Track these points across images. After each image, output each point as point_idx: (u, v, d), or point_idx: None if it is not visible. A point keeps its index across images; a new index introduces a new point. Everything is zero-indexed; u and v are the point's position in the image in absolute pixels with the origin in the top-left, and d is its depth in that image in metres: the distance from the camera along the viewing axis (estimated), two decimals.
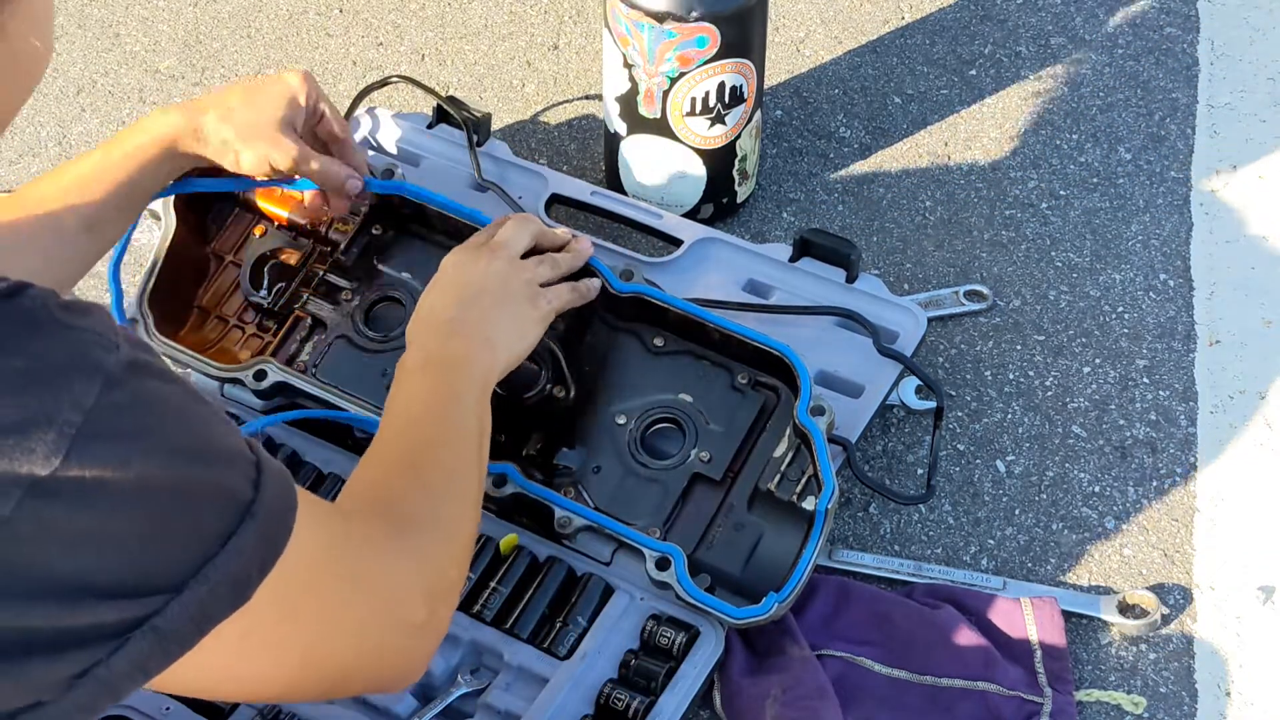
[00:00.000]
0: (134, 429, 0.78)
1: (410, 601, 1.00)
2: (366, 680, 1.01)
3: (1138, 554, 1.42)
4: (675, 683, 1.27)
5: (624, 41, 1.55)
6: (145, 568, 0.79)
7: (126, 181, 1.33)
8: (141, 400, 0.79)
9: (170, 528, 0.80)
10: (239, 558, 0.82)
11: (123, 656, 0.79)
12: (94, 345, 0.78)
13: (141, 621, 0.79)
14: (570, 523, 1.34)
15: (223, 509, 0.82)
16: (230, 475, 0.83)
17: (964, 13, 1.90)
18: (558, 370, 1.44)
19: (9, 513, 0.74)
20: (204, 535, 0.81)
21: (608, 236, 1.61)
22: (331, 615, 0.93)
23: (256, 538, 0.83)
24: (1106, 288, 1.62)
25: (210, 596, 0.81)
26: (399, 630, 1.00)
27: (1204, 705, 1.32)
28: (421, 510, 1.06)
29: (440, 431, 1.15)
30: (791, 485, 1.35)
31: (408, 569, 1.00)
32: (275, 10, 1.95)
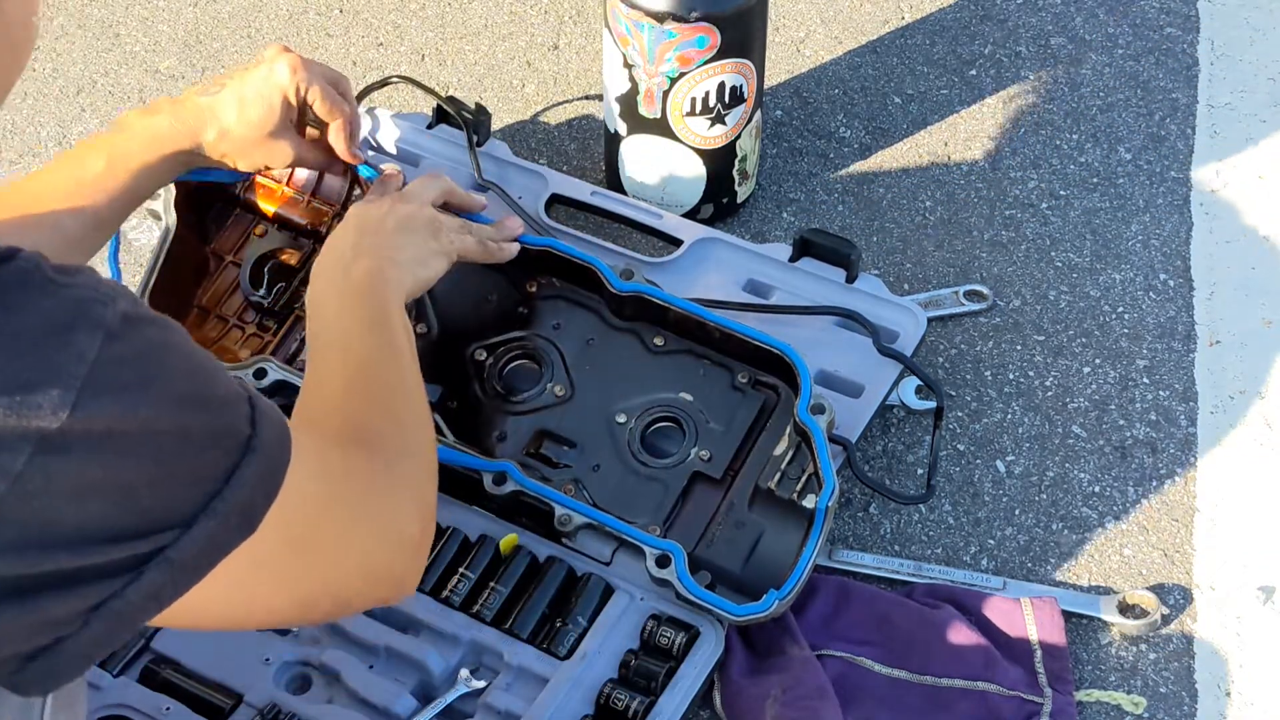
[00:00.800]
0: (136, 379, 0.80)
1: (405, 521, 1.04)
2: (369, 599, 1.06)
3: (1138, 554, 1.42)
4: (675, 683, 1.27)
5: (624, 41, 1.55)
6: (154, 510, 0.81)
7: (132, 187, 1.34)
8: (141, 351, 0.81)
9: (177, 470, 0.82)
10: (244, 490, 0.85)
11: (137, 588, 0.82)
12: (91, 301, 0.80)
13: (154, 554, 0.82)
14: (570, 521, 1.34)
15: (225, 447, 0.85)
16: (229, 415, 0.86)
17: (964, 13, 1.90)
18: (557, 369, 1.45)
19: (20, 468, 0.76)
20: (209, 474, 0.84)
21: (608, 236, 1.61)
22: (335, 541, 0.97)
23: (258, 470, 0.86)
24: (1106, 288, 1.62)
25: (219, 528, 0.84)
26: (397, 549, 1.04)
27: (1204, 705, 1.32)
28: (393, 436, 1.09)
29: (378, 352, 1.18)
30: (792, 483, 1.35)
31: (397, 492, 1.04)
32: (275, 10, 1.95)
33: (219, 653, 1.30)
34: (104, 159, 1.33)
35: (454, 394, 1.45)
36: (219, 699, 1.28)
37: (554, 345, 1.46)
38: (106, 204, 1.32)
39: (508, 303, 1.49)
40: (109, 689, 1.28)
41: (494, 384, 1.45)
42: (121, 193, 1.33)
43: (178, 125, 1.36)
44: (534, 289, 1.49)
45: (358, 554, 1.00)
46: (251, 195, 1.57)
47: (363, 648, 1.30)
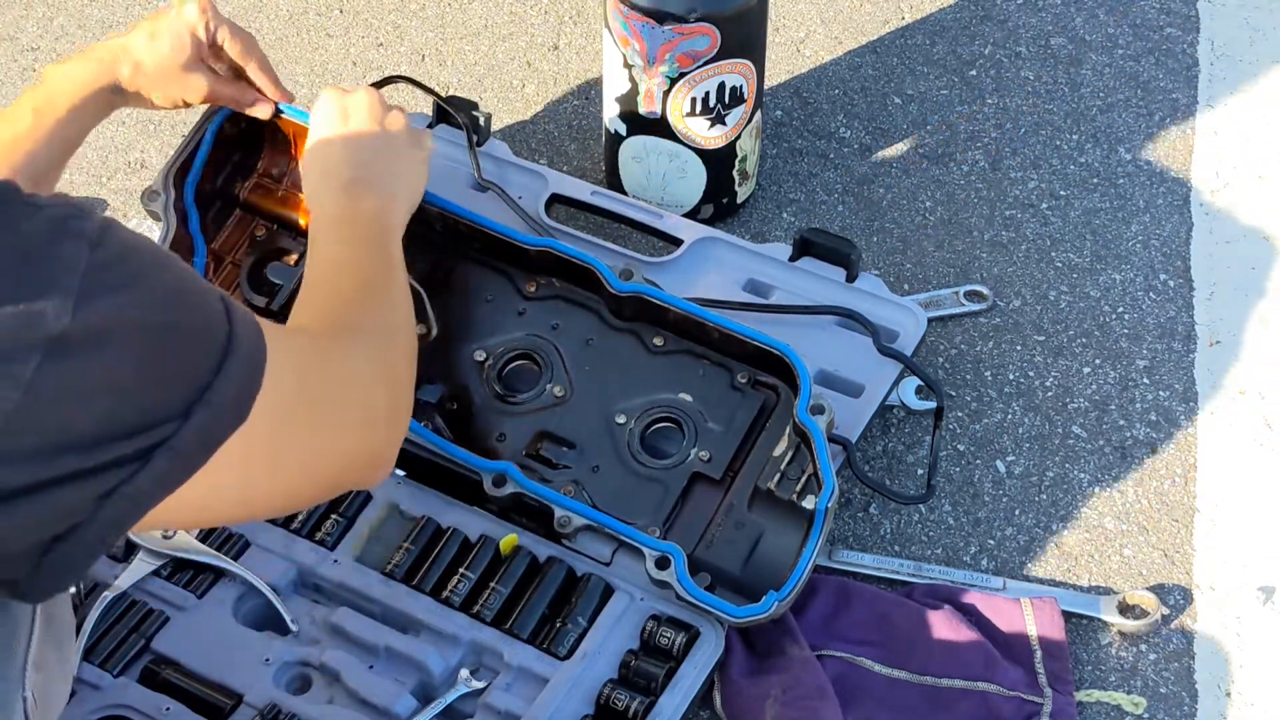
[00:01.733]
0: (124, 281, 0.86)
1: (375, 396, 1.10)
2: (353, 477, 1.11)
3: (1138, 554, 1.42)
4: (675, 683, 1.27)
5: (624, 42, 1.55)
6: (154, 405, 0.87)
7: (61, 134, 1.38)
8: (122, 255, 0.86)
9: (170, 365, 0.88)
10: (232, 381, 0.90)
11: (146, 474, 0.87)
12: (68, 217, 0.85)
13: (159, 444, 0.87)
14: (570, 522, 1.34)
15: (209, 342, 0.90)
16: (208, 311, 0.91)
17: (964, 13, 1.90)
18: (557, 370, 1.45)
19: (30, 375, 0.81)
20: (198, 367, 0.89)
21: (608, 236, 1.61)
22: (316, 421, 1.02)
23: (242, 363, 0.91)
24: (1106, 288, 1.62)
25: (214, 418, 0.89)
26: (372, 424, 1.09)
27: (1204, 705, 1.32)
28: (367, 321, 1.16)
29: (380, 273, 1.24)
30: (791, 484, 1.35)
31: (367, 368, 1.10)
32: (275, 10, 1.95)
33: (219, 653, 1.30)
34: (29, 113, 1.37)
35: (454, 394, 1.45)
36: (219, 699, 1.28)
37: (554, 346, 1.46)
38: (44, 155, 1.36)
39: (507, 303, 1.49)
40: (109, 689, 1.28)
41: (493, 384, 1.45)
42: (53, 140, 1.37)
43: (93, 65, 1.39)
44: (534, 289, 1.49)
45: (333, 428, 1.04)
46: (252, 196, 1.57)
47: (363, 648, 1.30)
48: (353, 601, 1.34)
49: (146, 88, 1.41)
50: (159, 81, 1.41)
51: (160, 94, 1.42)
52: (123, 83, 1.40)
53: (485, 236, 1.49)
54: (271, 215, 1.56)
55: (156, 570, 1.35)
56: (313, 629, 1.32)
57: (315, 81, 1.86)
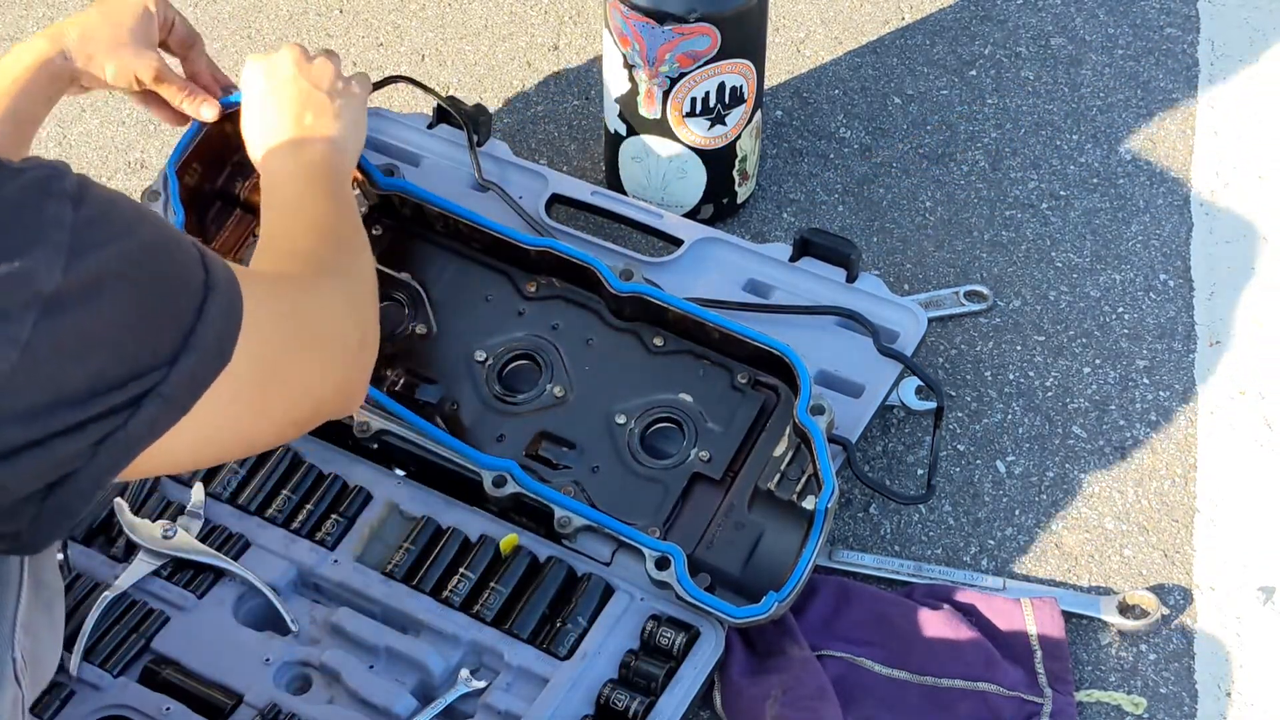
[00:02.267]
0: (109, 236, 0.88)
1: (347, 329, 1.14)
2: (331, 407, 1.14)
3: (1138, 554, 1.42)
4: (675, 683, 1.27)
5: (624, 42, 1.55)
6: (142, 355, 0.90)
7: (14, 109, 1.39)
8: (103, 210, 0.89)
9: (155, 314, 0.91)
10: (213, 324, 0.94)
11: (136, 421, 0.90)
12: (48, 177, 0.88)
13: (148, 392, 0.90)
14: (570, 523, 1.34)
15: (190, 287, 0.93)
16: (185, 259, 0.94)
17: (964, 13, 1.90)
18: (557, 370, 1.45)
19: (27, 335, 0.84)
20: (181, 313, 0.92)
21: (608, 236, 1.61)
22: (294, 358, 1.06)
23: (221, 305, 0.94)
24: (1106, 288, 1.62)
25: (199, 361, 0.93)
26: (345, 356, 1.13)
27: (1204, 706, 1.32)
28: (334, 260, 1.19)
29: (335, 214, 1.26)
30: (791, 485, 1.35)
31: (338, 303, 1.14)
32: (275, 10, 1.95)
33: (219, 653, 1.30)
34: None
35: (453, 394, 1.45)
36: (219, 699, 1.28)
37: (554, 346, 1.46)
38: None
39: (507, 303, 1.49)
40: (109, 689, 1.28)
41: (493, 384, 1.45)
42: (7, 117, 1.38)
43: (41, 39, 1.40)
44: (533, 289, 1.49)
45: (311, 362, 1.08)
46: (252, 195, 1.57)
47: (363, 648, 1.30)
48: (353, 601, 1.34)
49: (97, 56, 1.41)
50: (109, 49, 1.41)
51: (113, 65, 1.41)
52: (70, 50, 1.40)
53: (485, 236, 1.49)
54: None
55: (156, 570, 1.35)
56: (313, 629, 1.32)
57: None
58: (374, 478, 1.41)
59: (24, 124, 1.41)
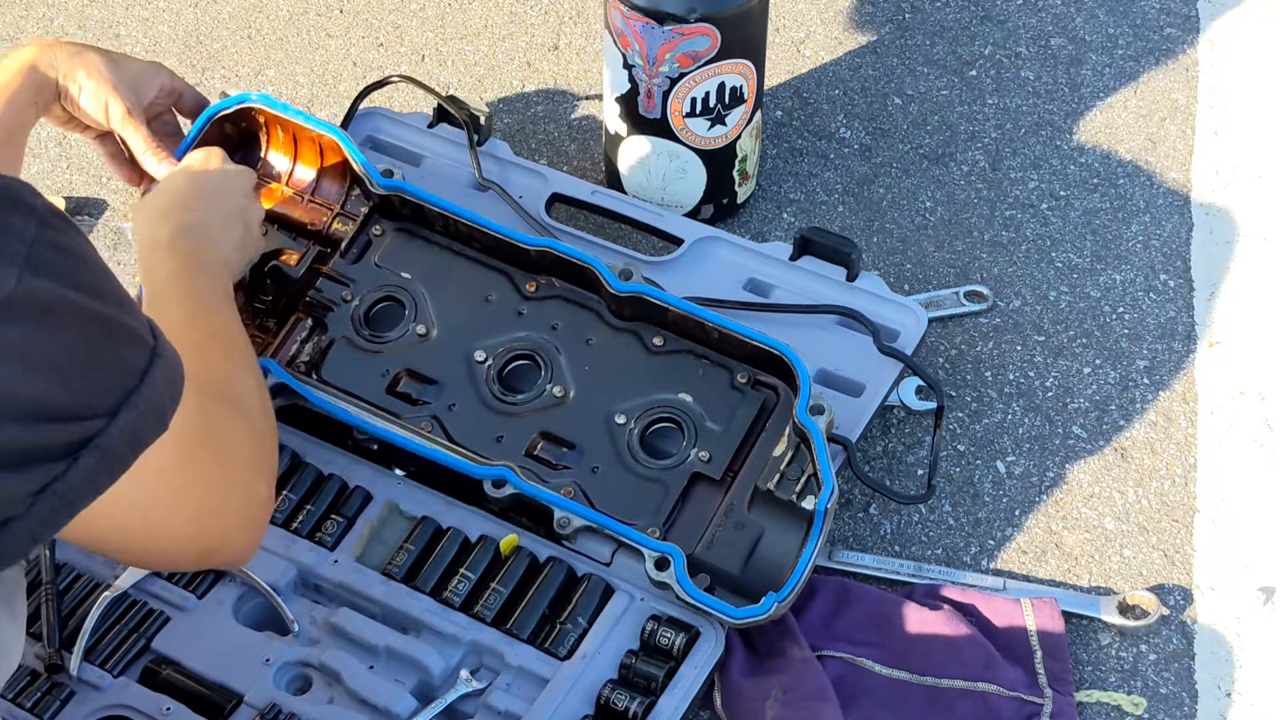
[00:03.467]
0: (66, 265, 0.88)
1: (256, 477, 1.13)
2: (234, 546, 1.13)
3: (1138, 554, 1.42)
4: (675, 683, 1.27)
5: (624, 42, 1.55)
6: (86, 393, 0.89)
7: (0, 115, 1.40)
8: (68, 243, 0.89)
9: (103, 358, 0.90)
10: (155, 388, 0.93)
11: (75, 472, 0.89)
12: (22, 191, 0.87)
13: (88, 441, 0.89)
14: (570, 523, 1.34)
15: (137, 348, 0.93)
16: (137, 321, 0.94)
17: (964, 14, 1.90)
18: (557, 370, 1.45)
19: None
20: (127, 368, 0.92)
21: (608, 236, 1.62)
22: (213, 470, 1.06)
23: (164, 373, 0.94)
24: (1107, 288, 1.62)
25: (140, 421, 0.92)
26: (250, 501, 1.13)
27: (1204, 706, 1.32)
28: (246, 394, 1.19)
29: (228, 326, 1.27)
30: (791, 485, 1.35)
31: (254, 444, 1.14)
32: (275, 11, 1.95)
33: (219, 653, 1.30)
34: None
35: (453, 395, 1.45)
36: (219, 699, 1.28)
37: (553, 346, 1.46)
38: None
39: (507, 303, 1.49)
40: (109, 689, 1.28)
41: (493, 385, 1.45)
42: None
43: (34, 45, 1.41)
44: (534, 289, 1.49)
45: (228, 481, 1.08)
46: None
47: (363, 648, 1.30)
48: (353, 602, 1.34)
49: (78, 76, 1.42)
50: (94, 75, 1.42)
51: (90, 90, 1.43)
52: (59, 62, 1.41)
53: (485, 236, 1.49)
54: (272, 215, 1.56)
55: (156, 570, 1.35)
56: (313, 629, 1.32)
57: (315, 81, 1.86)
58: (374, 478, 1.41)
59: (13, 130, 1.41)
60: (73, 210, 1.72)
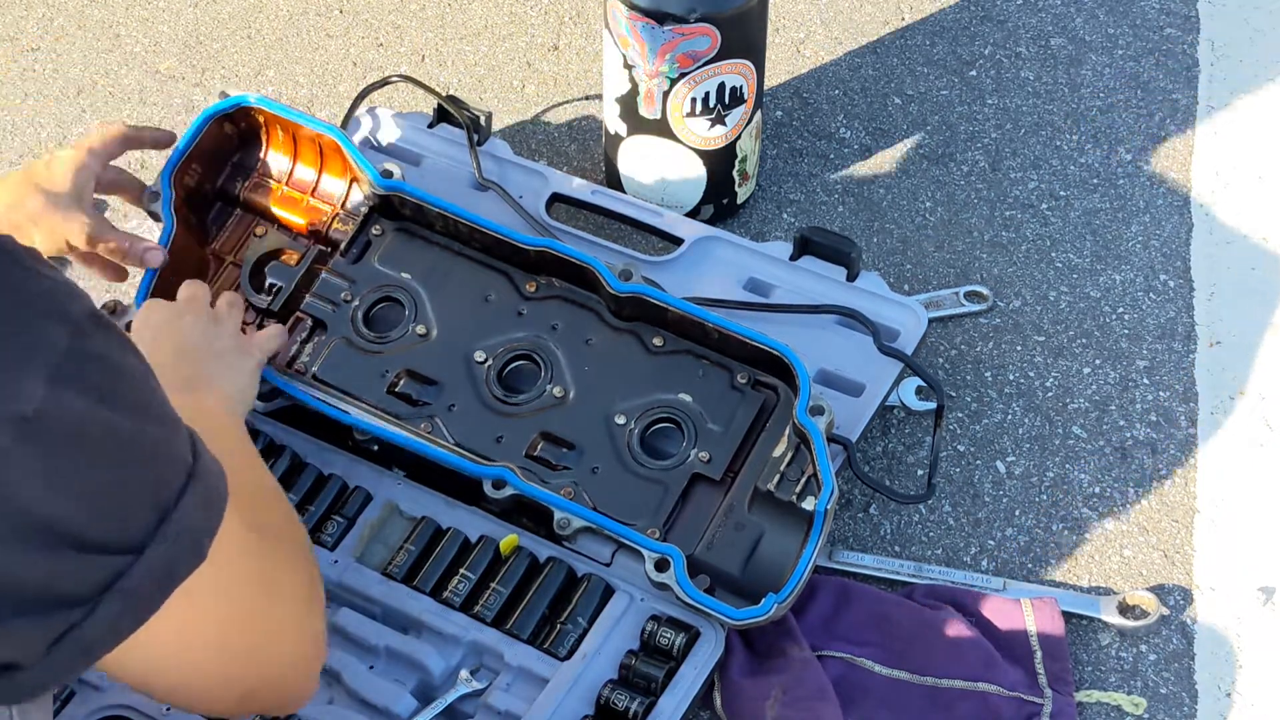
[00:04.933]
0: (100, 378, 0.82)
1: (312, 613, 1.05)
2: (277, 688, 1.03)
3: (1138, 555, 1.42)
4: (675, 683, 1.27)
5: (624, 42, 1.55)
6: (113, 520, 0.82)
7: None
8: (104, 352, 0.82)
9: (132, 481, 0.83)
10: (191, 516, 0.86)
11: (95, 620, 0.82)
12: (63, 294, 0.82)
13: (110, 583, 0.82)
14: (569, 524, 1.34)
15: (174, 467, 0.86)
16: (176, 437, 0.87)
17: (964, 13, 1.90)
18: (556, 370, 1.45)
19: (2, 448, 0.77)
20: (160, 491, 0.84)
21: (609, 236, 1.62)
22: (255, 608, 0.97)
23: (202, 498, 0.87)
24: (1107, 288, 1.62)
25: (170, 554, 0.84)
26: (303, 638, 1.03)
27: (1204, 706, 1.32)
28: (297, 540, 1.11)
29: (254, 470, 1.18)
30: (791, 485, 1.35)
31: (306, 577, 1.05)
32: (275, 11, 1.95)
33: None
34: None
35: (453, 395, 1.45)
36: None
37: (553, 346, 1.46)
38: None
39: (507, 303, 1.49)
40: (109, 689, 1.28)
41: (493, 385, 1.45)
42: None
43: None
44: (533, 289, 1.49)
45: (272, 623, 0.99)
46: (252, 196, 1.57)
47: (363, 648, 1.30)
48: (353, 602, 1.34)
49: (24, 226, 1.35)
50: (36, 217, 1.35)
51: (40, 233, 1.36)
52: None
53: (485, 236, 1.49)
54: (271, 215, 1.56)
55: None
56: None
57: (315, 81, 1.86)
58: (374, 478, 1.41)
59: None
60: None
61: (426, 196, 1.50)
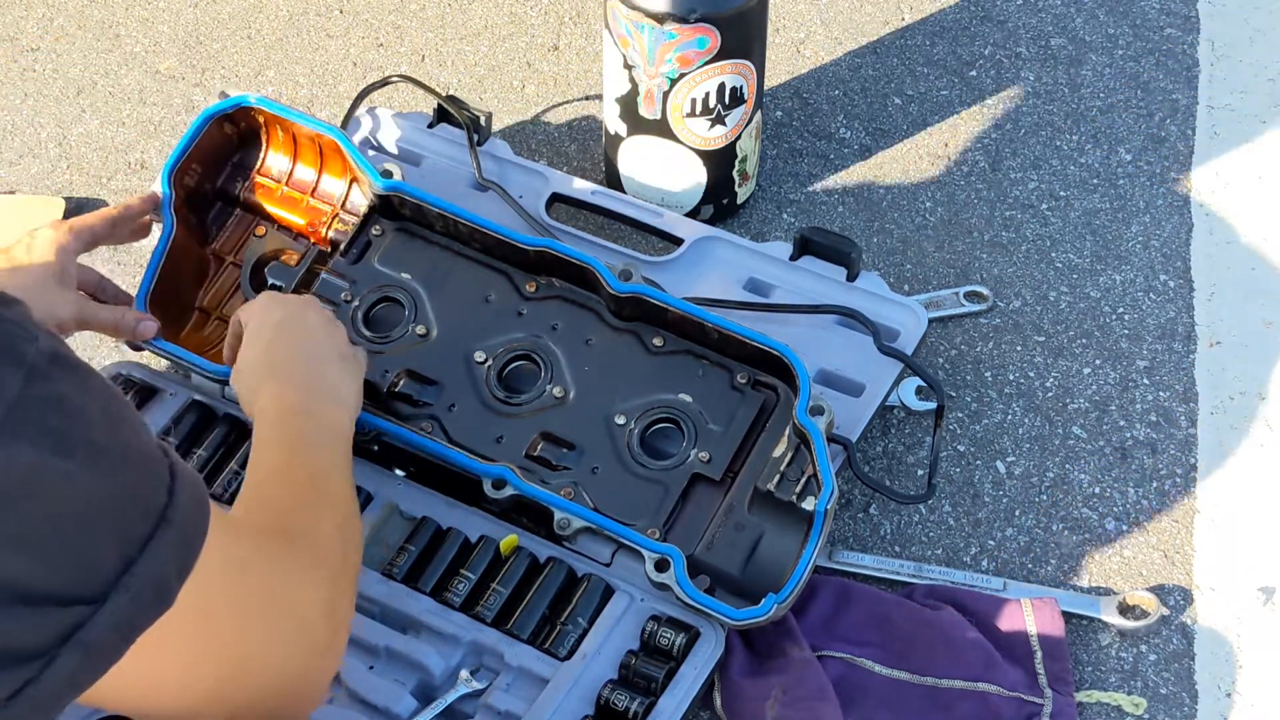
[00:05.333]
0: (56, 424, 0.77)
1: (315, 624, 1.01)
2: (275, 701, 1.00)
3: (1138, 555, 1.42)
4: (675, 684, 1.27)
5: (624, 42, 1.55)
6: (69, 573, 0.78)
7: None
8: (63, 394, 0.78)
9: (92, 530, 0.79)
10: (157, 562, 0.82)
11: (52, 674, 0.78)
12: (16, 336, 0.77)
13: (68, 636, 0.78)
14: (569, 525, 1.34)
15: (141, 512, 0.82)
16: (147, 478, 0.83)
17: (964, 14, 1.90)
18: (556, 370, 1.45)
19: None
20: (124, 539, 0.81)
21: (609, 236, 1.62)
22: (244, 629, 0.94)
23: (174, 542, 0.83)
24: (1107, 289, 1.62)
25: (132, 604, 0.81)
26: (305, 651, 1.01)
27: (1204, 706, 1.32)
28: (323, 538, 1.08)
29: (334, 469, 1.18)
30: (791, 485, 1.35)
31: (313, 593, 1.02)
32: (275, 11, 1.95)
33: None
34: None
35: (453, 395, 1.45)
36: None
37: (553, 346, 1.46)
38: None
39: (507, 303, 1.49)
40: None
41: (493, 385, 1.45)
42: None
43: None
44: (533, 289, 1.49)
45: (262, 642, 0.96)
46: (252, 196, 1.57)
47: (363, 648, 1.30)
48: None
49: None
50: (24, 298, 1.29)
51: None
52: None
53: (485, 237, 1.49)
54: (271, 215, 1.56)
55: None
56: None
57: (315, 81, 1.86)
58: (374, 478, 1.41)
59: None
60: (73, 210, 1.71)
61: (426, 197, 1.50)
